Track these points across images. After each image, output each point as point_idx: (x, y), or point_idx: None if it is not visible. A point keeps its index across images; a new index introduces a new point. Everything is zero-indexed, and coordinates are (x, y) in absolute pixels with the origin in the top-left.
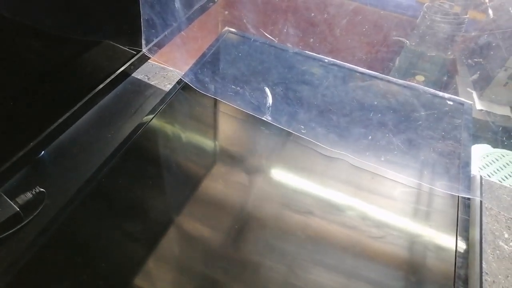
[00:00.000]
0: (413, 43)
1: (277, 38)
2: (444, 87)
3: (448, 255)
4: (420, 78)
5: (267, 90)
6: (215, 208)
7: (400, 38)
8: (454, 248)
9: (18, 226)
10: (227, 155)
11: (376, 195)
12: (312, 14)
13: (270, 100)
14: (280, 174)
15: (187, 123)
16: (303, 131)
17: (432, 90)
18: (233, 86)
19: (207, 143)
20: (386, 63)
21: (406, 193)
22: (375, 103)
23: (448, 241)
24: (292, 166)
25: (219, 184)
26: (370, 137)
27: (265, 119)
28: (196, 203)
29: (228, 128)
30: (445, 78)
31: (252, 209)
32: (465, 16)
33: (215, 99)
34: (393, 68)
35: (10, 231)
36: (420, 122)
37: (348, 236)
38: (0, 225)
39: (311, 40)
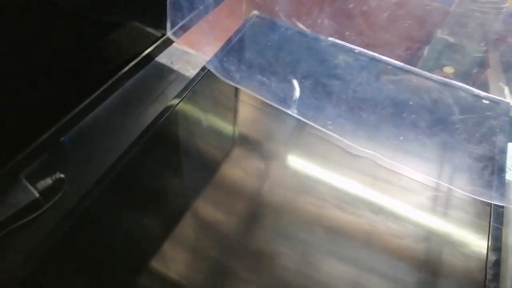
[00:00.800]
0: (445, 32)
1: (310, 29)
2: (474, 80)
3: (478, 265)
4: (450, 70)
5: (295, 82)
6: (232, 194)
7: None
8: (485, 258)
9: (38, 212)
10: (248, 144)
11: (402, 196)
12: (351, 6)
13: (297, 93)
14: (298, 162)
15: (210, 111)
16: (329, 126)
17: (467, 87)
18: (259, 76)
19: (229, 132)
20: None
21: (435, 197)
22: (410, 103)
23: (479, 250)
24: (311, 156)
25: (238, 171)
26: (401, 138)
27: (290, 113)
28: (214, 188)
29: (250, 117)
30: (475, 71)
31: (268, 196)
32: (504, 5)
33: (239, 88)
34: (422, 58)
35: (30, 217)
36: (456, 124)
37: (365, 229)
38: (20, 211)
39: (347, 33)
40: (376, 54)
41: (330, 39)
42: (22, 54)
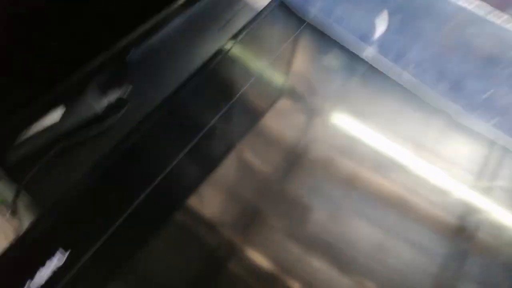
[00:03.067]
0: None
1: None
2: None
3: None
4: None
5: (385, 14)
6: (273, 144)
7: None
8: None
9: (98, 130)
10: (295, 97)
11: (446, 167)
12: None
13: (384, 27)
14: (342, 120)
15: (265, 56)
16: (411, 70)
17: None
18: (339, 8)
19: (279, 81)
20: None
21: (491, 169)
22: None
23: None
24: (357, 115)
25: (282, 122)
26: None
27: (370, 49)
28: (256, 136)
29: (305, 69)
30: None
31: (306, 150)
32: None
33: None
34: None
35: (90, 134)
36: None
37: (399, 195)
38: (81, 126)
39: None
40: None
41: None
42: None
